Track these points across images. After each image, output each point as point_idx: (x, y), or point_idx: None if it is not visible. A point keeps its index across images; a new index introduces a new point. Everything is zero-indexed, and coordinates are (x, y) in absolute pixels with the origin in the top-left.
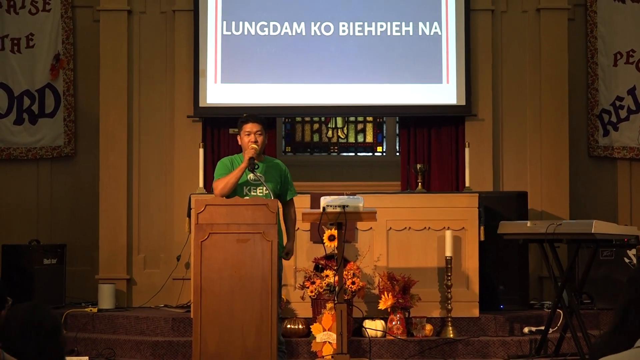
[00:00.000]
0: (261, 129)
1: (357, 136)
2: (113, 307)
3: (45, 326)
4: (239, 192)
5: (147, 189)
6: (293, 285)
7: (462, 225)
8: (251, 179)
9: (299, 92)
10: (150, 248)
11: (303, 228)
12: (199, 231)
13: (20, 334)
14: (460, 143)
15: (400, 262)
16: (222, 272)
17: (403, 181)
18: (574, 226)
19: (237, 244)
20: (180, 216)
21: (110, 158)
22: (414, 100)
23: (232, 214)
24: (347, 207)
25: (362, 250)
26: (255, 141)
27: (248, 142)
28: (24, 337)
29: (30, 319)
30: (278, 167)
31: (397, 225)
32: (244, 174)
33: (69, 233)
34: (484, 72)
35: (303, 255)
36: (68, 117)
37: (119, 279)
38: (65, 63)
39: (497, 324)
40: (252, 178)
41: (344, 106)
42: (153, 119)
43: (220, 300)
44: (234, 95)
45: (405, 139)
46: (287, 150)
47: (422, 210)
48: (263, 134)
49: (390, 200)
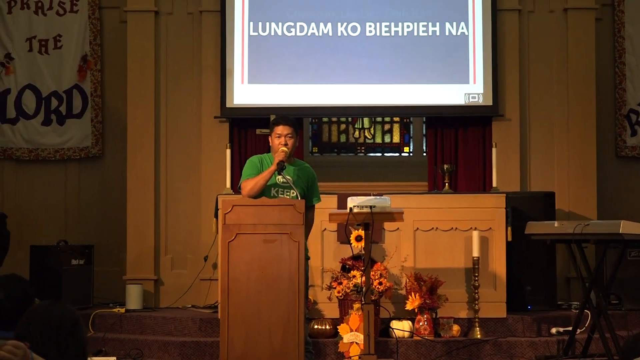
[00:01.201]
0: (292, 131)
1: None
2: (140, 308)
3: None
4: (266, 193)
5: (174, 189)
6: (320, 285)
7: (489, 225)
8: (280, 181)
9: (326, 93)
10: (177, 249)
11: (330, 228)
12: (226, 232)
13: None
14: (488, 143)
15: (428, 262)
16: (249, 273)
17: (430, 181)
18: (602, 226)
19: (264, 245)
20: (208, 217)
21: (138, 158)
22: (441, 101)
23: (259, 214)
24: (374, 208)
25: (389, 250)
26: (286, 144)
27: (278, 144)
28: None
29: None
30: (307, 172)
31: (424, 226)
32: (273, 176)
33: (97, 234)
34: (511, 72)
35: (330, 256)
36: (95, 118)
37: (146, 279)
38: (92, 64)
39: (525, 324)
40: (281, 181)
41: (371, 106)
42: (180, 119)
43: (248, 301)
44: (261, 96)
45: (432, 139)
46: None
47: (449, 210)
48: (294, 137)
49: (417, 200)
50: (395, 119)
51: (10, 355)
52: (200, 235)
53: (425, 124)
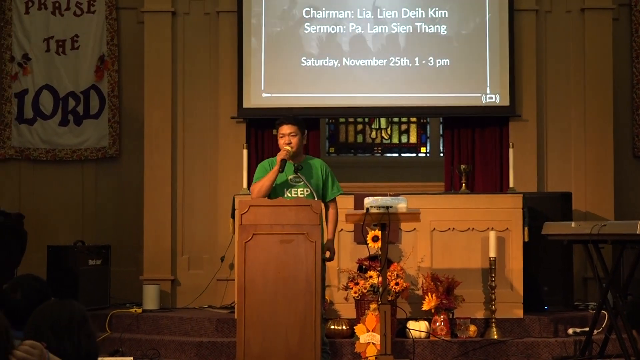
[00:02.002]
0: (296, 130)
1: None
2: (157, 308)
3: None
4: (279, 192)
5: (191, 189)
6: (337, 286)
7: (506, 226)
8: (291, 179)
9: (343, 93)
10: (194, 249)
11: (346, 229)
12: (242, 232)
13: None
14: (505, 143)
15: (444, 263)
16: (266, 273)
17: (447, 182)
18: (619, 227)
19: (280, 245)
20: (224, 217)
21: (155, 159)
22: (458, 101)
23: (276, 214)
24: (390, 208)
25: (405, 251)
26: (289, 143)
27: (282, 144)
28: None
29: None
30: (317, 166)
31: (440, 226)
32: (284, 174)
33: (114, 234)
34: (528, 72)
35: (347, 256)
36: (112, 119)
37: (163, 279)
38: (110, 64)
39: (542, 325)
40: (291, 178)
41: (388, 107)
42: (197, 120)
43: (264, 301)
44: (278, 96)
45: (449, 140)
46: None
47: (466, 211)
48: (298, 135)
49: (434, 201)
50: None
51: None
52: (217, 236)
53: (442, 124)
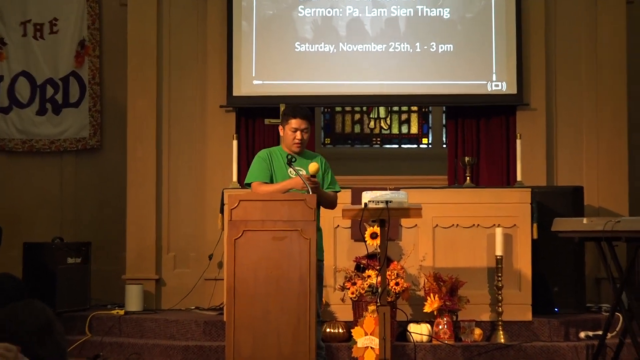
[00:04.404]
0: (308, 125)
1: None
2: (141, 310)
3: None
4: None
5: (177, 183)
6: (333, 286)
7: (513, 222)
8: (291, 173)
9: (339, 80)
10: (180, 246)
11: (343, 225)
12: (232, 228)
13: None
14: (512, 134)
15: (448, 261)
16: (257, 272)
17: (450, 175)
18: (634, 223)
19: (272, 242)
20: (213, 212)
21: (138, 150)
22: (462, 89)
23: (268, 210)
24: (390, 203)
25: (406, 249)
26: (301, 139)
27: (293, 140)
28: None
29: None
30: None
31: (443, 222)
32: (285, 168)
33: (94, 230)
34: (537, 58)
35: (343, 255)
36: (93, 107)
37: (147, 279)
38: (90, 50)
39: (552, 328)
40: (292, 173)
41: (387, 95)
42: (184, 109)
43: (255, 302)
44: (270, 84)
45: (453, 130)
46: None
47: (471, 206)
48: (309, 132)
49: (437, 195)
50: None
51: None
52: (205, 232)
53: (445, 114)
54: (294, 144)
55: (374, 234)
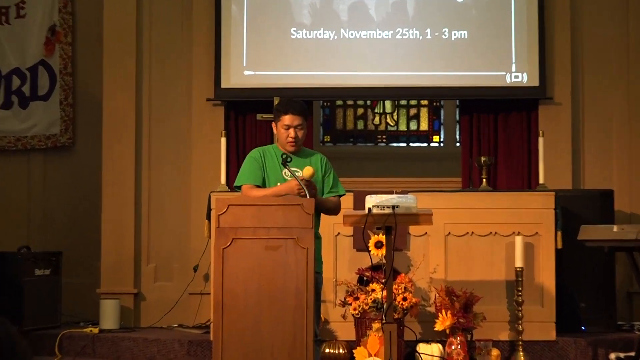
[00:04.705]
0: (303, 122)
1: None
2: (117, 327)
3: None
4: None
5: (158, 186)
6: (333, 301)
7: (535, 230)
8: (286, 174)
9: (340, 71)
10: (162, 257)
11: (345, 233)
12: (220, 236)
13: None
14: (533, 131)
15: (461, 274)
16: (248, 286)
17: (464, 177)
18: None
19: (265, 252)
20: (199, 218)
21: (115, 149)
22: (478, 81)
23: (260, 215)
24: (397, 208)
25: (415, 259)
26: (295, 137)
27: (286, 138)
28: None
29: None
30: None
31: (457, 230)
32: (279, 169)
33: (66, 239)
34: (561, 46)
35: (344, 266)
36: (65, 100)
37: (124, 293)
38: (62, 36)
39: (578, 348)
40: (287, 174)
41: (394, 87)
42: (166, 102)
43: (246, 319)
44: (263, 75)
45: (467, 127)
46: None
47: (488, 212)
48: (304, 128)
49: (449, 199)
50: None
51: None
52: (190, 241)
53: (458, 108)
54: (288, 143)
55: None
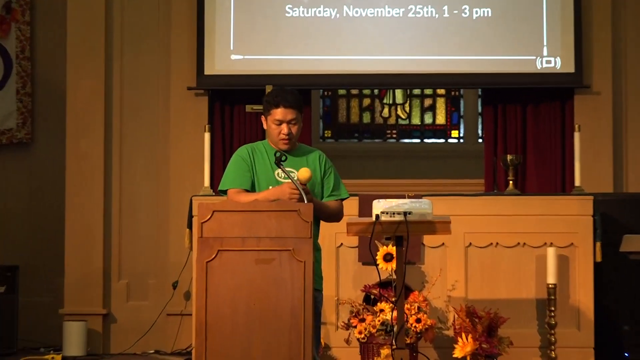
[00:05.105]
0: (297, 115)
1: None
2: (83, 354)
3: None
4: None
5: (132, 189)
6: (334, 323)
7: (570, 240)
8: (279, 176)
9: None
10: (135, 272)
11: (348, 244)
12: (203, 248)
13: None
14: (568, 125)
15: (484, 291)
16: (236, 305)
17: (487, 178)
18: None
19: (256, 266)
20: (178, 227)
21: (82, 146)
22: (504, 66)
23: (250, 223)
24: (409, 215)
25: (430, 274)
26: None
27: (278, 135)
28: None
29: None
30: (316, 160)
31: (479, 241)
32: (271, 170)
33: (24, 251)
34: (600, 27)
35: (348, 282)
36: (22, 90)
37: (92, 314)
38: (19, 14)
39: None
40: (280, 175)
41: (406, 74)
42: (141, 92)
43: (233, 344)
44: (253, 60)
45: (491, 120)
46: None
47: (515, 219)
48: (299, 122)
49: (470, 205)
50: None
51: None
52: (168, 253)
53: (481, 99)
54: (281, 141)
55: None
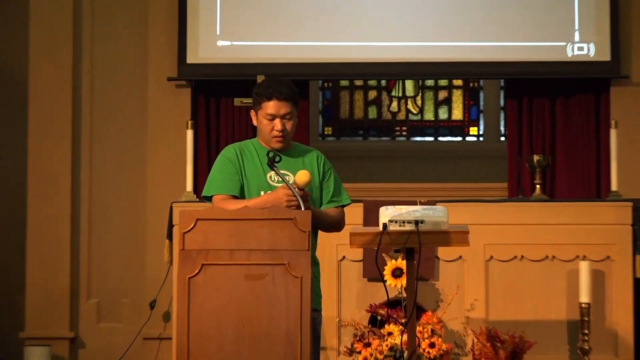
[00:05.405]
0: (292, 109)
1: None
2: None
3: None
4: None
5: (103, 195)
6: (336, 348)
7: (606, 253)
8: (272, 179)
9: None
10: (107, 289)
11: (351, 257)
12: (185, 262)
13: None
14: (603, 121)
15: (508, 311)
16: (223, 328)
17: (511, 182)
18: None
19: (246, 283)
20: (157, 238)
21: (45, 146)
22: (530, 54)
23: (239, 233)
24: (422, 224)
25: (446, 292)
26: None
27: (271, 132)
28: None
29: None
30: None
31: (502, 254)
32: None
33: None
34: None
35: (352, 301)
36: None
37: (57, 338)
38: None
39: None
40: (273, 179)
41: (417, 62)
42: (114, 83)
43: None
44: (242, 46)
45: (515, 115)
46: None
47: (543, 229)
48: (294, 117)
49: (492, 212)
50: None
51: None
52: (145, 268)
53: (503, 91)
54: (274, 139)
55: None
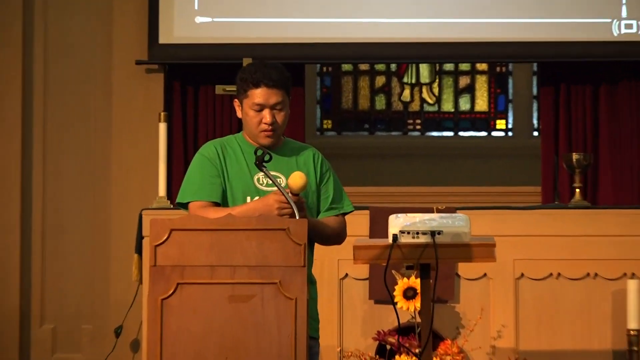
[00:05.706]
0: (283, 98)
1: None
2: None
3: None
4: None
5: (60, 201)
6: None
7: None
8: (260, 183)
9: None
10: (64, 314)
11: (355, 275)
12: (158, 280)
13: None
14: None
15: (542, 339)
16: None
17: (546, 185)
18: None
19: (230, 305)
20: (123, 252)
21: None
22: (567, 33)
23: (222, 247)
24: (439, 235)
25: (468, 317)
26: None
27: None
28: None
29: None
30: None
31: (534, 271)
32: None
33: None
34: None
35: (355, 327)
36: None
37: None
38: None
39: None
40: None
41: (433, 43)
42: (72, 67)
43: None
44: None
45: (550, 106)
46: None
47: (584, 241)
48: (286, 108)
49: (523, 221)
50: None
51: None
52: (109, 288)
53: (537, 77)
54: (262, 133)
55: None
